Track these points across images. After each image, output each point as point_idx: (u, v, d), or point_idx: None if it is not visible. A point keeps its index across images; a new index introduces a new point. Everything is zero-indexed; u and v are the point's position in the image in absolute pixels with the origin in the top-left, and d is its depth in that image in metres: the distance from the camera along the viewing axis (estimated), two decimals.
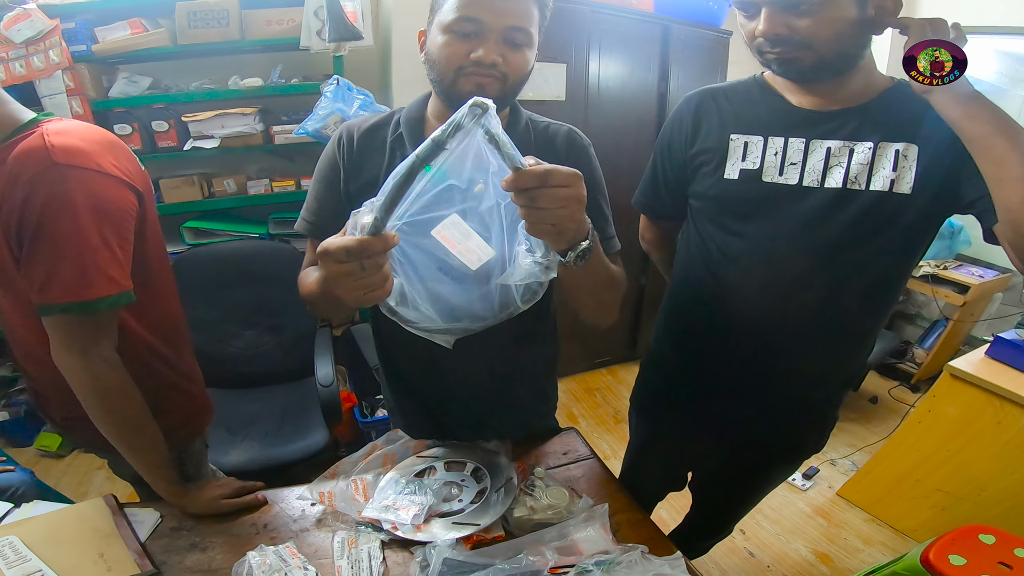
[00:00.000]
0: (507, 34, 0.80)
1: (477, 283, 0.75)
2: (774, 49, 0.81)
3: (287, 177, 2.20)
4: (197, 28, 1.93)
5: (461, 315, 0.78)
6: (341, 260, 0.60)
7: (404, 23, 2.20)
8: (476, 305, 0.78)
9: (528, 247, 0.70)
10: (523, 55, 0.84)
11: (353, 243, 0.60)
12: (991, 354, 1.83)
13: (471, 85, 0.81)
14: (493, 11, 0.79)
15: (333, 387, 1.72)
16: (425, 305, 0.75)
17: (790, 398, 1.01)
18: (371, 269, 0.62)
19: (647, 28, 2.59)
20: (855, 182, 0.85)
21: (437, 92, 0.88)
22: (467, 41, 0.80)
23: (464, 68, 0.81)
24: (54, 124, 0.84)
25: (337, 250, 0.60)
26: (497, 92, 0.82)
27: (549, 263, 0.70)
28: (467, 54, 0.80)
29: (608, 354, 3.12)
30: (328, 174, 0.96)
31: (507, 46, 0.81)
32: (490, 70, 0.80)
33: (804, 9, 0.76)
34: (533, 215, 0.63)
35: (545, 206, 0.61)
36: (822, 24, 0.77)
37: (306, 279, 0.93)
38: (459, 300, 0.77)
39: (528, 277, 0.70)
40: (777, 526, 2.05)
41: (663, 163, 1.06)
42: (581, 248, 0.70)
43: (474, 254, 0.68)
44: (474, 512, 0.88)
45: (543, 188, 0.61)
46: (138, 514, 0.92)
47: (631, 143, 2.64)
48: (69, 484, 2.11)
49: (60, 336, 0.83)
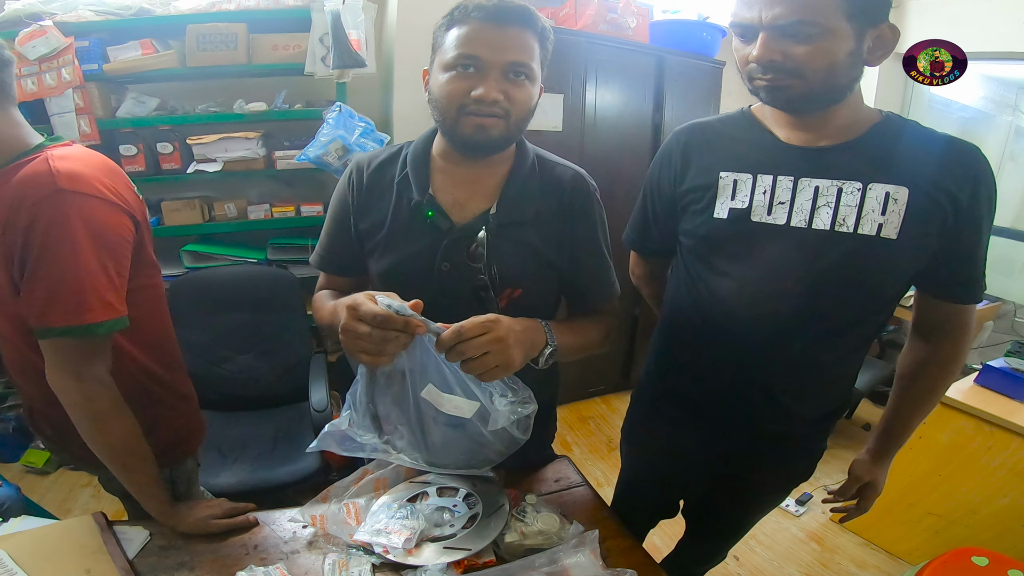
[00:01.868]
0: (508, 71, 0.81)
1: (470, 430, 0.81)
2: (765, 75, 0.80)
3: (287, 203, 2.21)
4: (206, 51, 1.97)
5: (459, 457, 0.86)
6: (362, 319, 0.70)
7: (406, 51, 2.26)
8: (477, 451, 0.85)
9: (499, 392, 0.76)
10: (526, 90, 0.84)
11: (381, 312, 0.70)
12: (980, 382, 1.86)
13: (472, 127, 0.82)
14: (492, 48, 0.80)
15: (327, 412, 1.72)
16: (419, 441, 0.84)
17: (776, 433, 1.01)
18: (378, 336, 0.70)
19: (642, 59, 2.66)
20: (843, 224, 0.84)
21: (441, 131, 0.89)
22: (468, 79, 0.80)
23: (466, 106, 0.81)
24: (58, 149, 0.87)
25: (367, 312, 0.70)
26: (501, 131, 0.83)
27: (522, 399, 0.77)
28: (468, 91, 0.80)
29: (602, 383, 3.13)
30: (340, 212, 0.98)
31: (508, 82, 0.82)
32: (492, 108, 0.81)
33: (803, 37, 0.75)
34: (471, 367, 0.72)
35: (474, 355, 0.71)
36: (817, 53, 0.76)
37: (318, 303, 0.99)
38: (456, 442, 0.84)
39: (512, 417, 0.77)
40: (771, 552, 2.04)
41: (652, 200, 1.06)
42: (546, 355, 0.82)
43: (461, 411, 0.77)
44: (465, 537, 0.88)
45: (462, 344, 0.70)
46: (127, 532, 0.92)
47: (626, 173, 2.68)
48: (53, 500, 2.09)
49: (56, 358, 0.84)
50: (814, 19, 0.74)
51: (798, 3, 0.74)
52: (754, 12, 0.77)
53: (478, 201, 0.92)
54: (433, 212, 0.89)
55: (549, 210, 0.94)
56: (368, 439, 0.81)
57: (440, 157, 0.93)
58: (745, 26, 0.80)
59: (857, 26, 0.76)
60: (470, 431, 0.81)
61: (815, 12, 0.74)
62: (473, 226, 0.90)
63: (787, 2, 0.74)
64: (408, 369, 0.78)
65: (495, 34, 0.80)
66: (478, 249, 0.89)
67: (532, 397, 0.77)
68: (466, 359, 0.72)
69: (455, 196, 0.92)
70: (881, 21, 0.78)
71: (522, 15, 0.82)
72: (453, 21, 0.83)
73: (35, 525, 0.92)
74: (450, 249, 0.89)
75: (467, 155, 0.89)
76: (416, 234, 0.91)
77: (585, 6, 2.47)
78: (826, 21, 0.74)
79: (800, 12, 0.74)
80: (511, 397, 0.76)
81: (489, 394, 0.77)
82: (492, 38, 0.80)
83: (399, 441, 0.83)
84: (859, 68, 0.80)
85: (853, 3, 0.74)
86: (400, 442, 0.83)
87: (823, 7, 0.74)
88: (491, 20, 0.80)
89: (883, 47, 0.79)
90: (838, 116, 0.85)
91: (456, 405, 0.76)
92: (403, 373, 0.78)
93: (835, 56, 0.76)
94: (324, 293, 1.02)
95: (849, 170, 0.84)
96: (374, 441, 0.82)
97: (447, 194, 0.92)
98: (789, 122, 0.89)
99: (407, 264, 0.92)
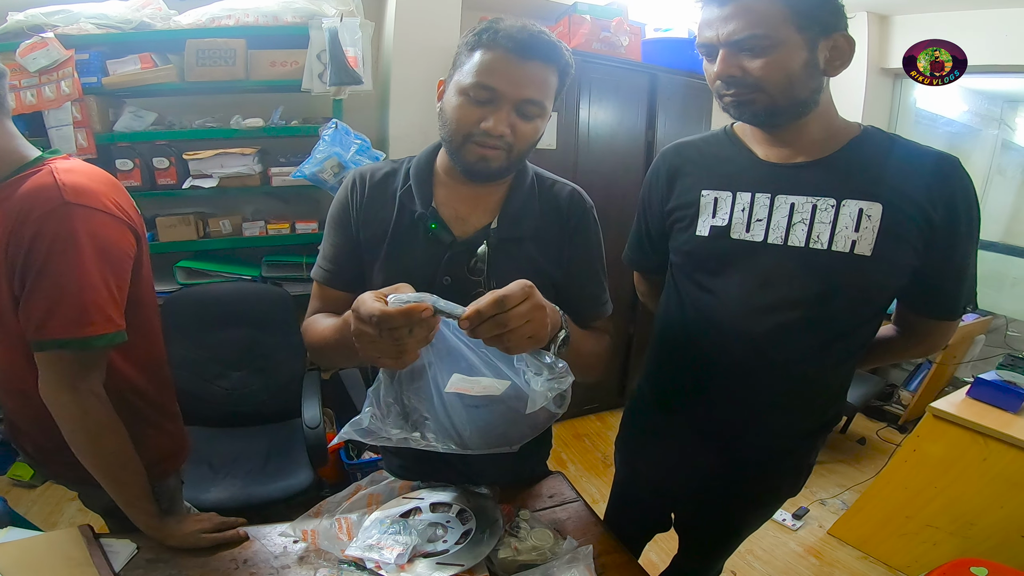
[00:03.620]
0: (520, 106, 0.81)
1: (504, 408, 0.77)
2: (729, 91, 0.83)
3: (282, 220, 2.21)
4: (204, 66, 1.98)
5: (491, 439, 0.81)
6: (364, 321, 0.65)
7: (402, 70, 2.29)
8: (510, 429, 0.81)
9: (534, 370, 0.72)
10: (533, 126, 0.85)
11: (376, 312, 0.64)
12: (972, 395, 1.87)
13: (475, 156, 0.83)
14: (510, 81, 0.80)
15: (319, 429, 1.71)
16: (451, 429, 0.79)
17: (763, 447, 1.01)
18: (387, 337, 0.65)
19: (635, 77, 2.70)
20: (817, 241, 0.86)
21: (445, 147, 0.90)
22: (480, 108, 0.81)
23: (473, 135, 0.82)
24: (62, 162, 0.87)
25: (365, 313, 0.65)
26: (502, 163, 0.84)
27: (558, 373, 0.71)
28: (478, 121, 0.81)
29: (597, 401, 3.12)
30: (341, 220, 0.96)
31: (518, 117, 0.82)
32: (496, 141, 0.82)
33: (757, 50, 0.79)
34: (507, 340, 0.66)
35: (514, 326, 0.65)
36: (773, 65, 0.79)
37: (315, 326, 0.94)
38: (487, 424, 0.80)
39: (550, 395, 0.72)
40: (769, 567, 2.02)
41: (645, 219, 1.09)
42: (560, 340, 0.77)
43: (493, 390, 0.73)
44: (459, 553, 0.87)
45: (503, 315, 0.65)
46: (113, 545, 0.90)
47: (619, 191, 2.70)
48: (39, 514, 2.06)
49: (52, 371, 0.84)
50: (765, 32, 0.78)
51: (749, 19, 0.78)
52: (713, 31, 0.82)
53: (479, 216, 0.93)
54: (436, 225, 0.90)
55: (548, 226, 0.95)
56: (395, 433, 0.77)
57: (443, 172, 0.94)
58: (707, 46, 0.84)
59: (809, 37, 0.79)
60: (499, 410, 0.77)
61: (765, 25, 0.78)
62: (474, 240, 0.90)
63: (739, 18, 0.78)
64: (428, 362, 0.74)
65: (516, 68, 0.80)
66: (478, 263, 0.89)
67: (568, 369, 0.72)
68: (508, 330, 0.65)
69: (457, 210, 0.93)
70: (835, 31, 0.81)
71: (548, 51, 0.82)
72: (480, 44, 0.82)
73: (21, 537, 0.91)
74: (451, 263, 0.90)
75: (466, 179, 0.90)
76: (418, 247, 0.91)
77: (579, 25, 2.52)
78: (777, 33, 0.78)
79: (751, 27, 0.78)
80: (547, 375, 0.71)
81: (522, 373, 0.72)
82: (512, 71, 0.80)
83: (429, 433, 0.80)
84: (818, 79, 0.83)
85: (802, 15, 0.78)
86: (430, 434, 0.80)
87: (772, 20, 0.77)
88: (516, 53, 0.80)
89: (840, 57, 0.82)
90: (810, 130, 0.87)
91: (485, 386, 0.72)
92: (424, 366, 0.74)
93: (790, 67, 0.79)
94: (317, 317, 0.98)
95: (823, 186, 0.85)
96: (402, 434, 0.78)
97: (449, 208, 0.92)
98: (766, 139, 0.91)
99: (408, 277, 0.91)
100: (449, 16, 2.33)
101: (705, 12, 0.83)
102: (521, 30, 0.81)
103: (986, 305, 2.97)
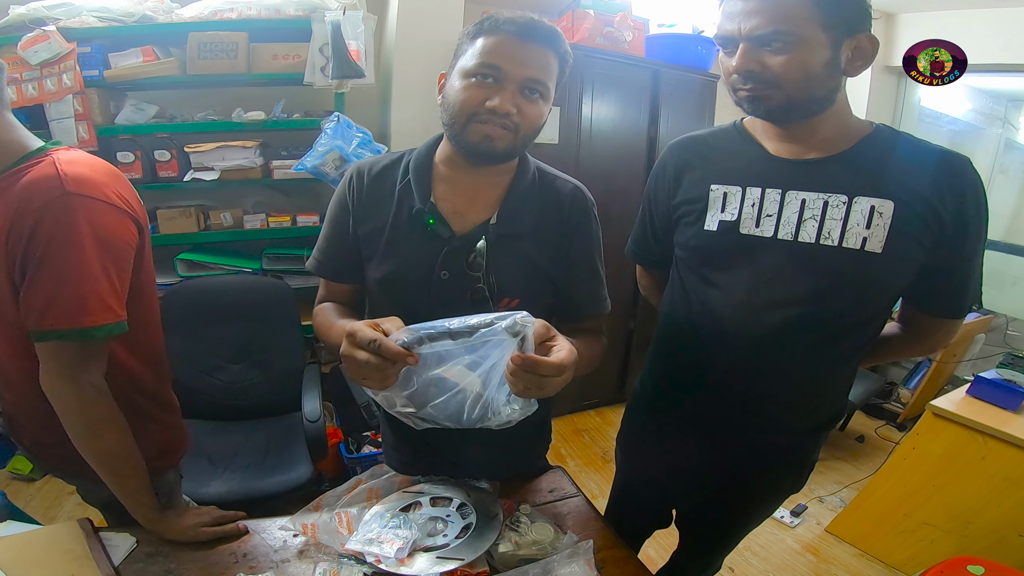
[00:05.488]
0: (525, 85, 0.82)
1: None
2: (745, 86, 0.82)
3: (283, 213, 2.21)
4: (206, 59, 1.97)
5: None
6: (356, 345, 0.69)
7: (405, 64, 2.28)
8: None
9: (510, 397, 0.74)
10: (538, 108, 0.85)
11: (363, 357, 0.69)
12: (972, 393, 1.87)
13: (479, 136, 0.83)
14: (514, 61, 0.81)
15: (319, 422, 1.71)
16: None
17: (766, 443, 1.01)
18: (372, 366, 0.69)
19: (638, 72, 2.69)
20: (828, 237, 0.85)
21: (448, 135, 0.89)
22: (485, 88, 0.81)
23: (478, 114, 0.82)
24: (64, 153, 0.86)
25: (361, 340, 0.69)
26: (507, 144, 0.84)
27: (527, 408, 0.75)
28: (483, 101, 0.81)
29: (597, 396, 3.13)
30: (338, 215, 0.97)
31: (523, 97, 0.83)
32: (503, 120, 0.82)
33: (778, 47, 0.77)
34: (529, 389, 0.69)
35: (545, 386, 0.69)
36: (794, 63, 0.77)
37: (319, 317, 0.98)
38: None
39: (509, 421, 0.76)
40: (766, 563, 2.03)
41: (650, 213, 1.08)
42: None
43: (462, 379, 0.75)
44: (459, 547, 0.87)
45: (530, 376, 0.68)
46: (113, 538, 0.90)
47: (621, 185, 2.70)
48: (38, 507, 2.07)
49: (52, 362, 0.84)
50: (790, 29, 0.76)
51: (774, 14, 0.76)
52: (734, 24, 0.80)
53: (479, 211, 0.93)
54: (434, 220, 0.90)
55: (548, 223, 0.95)
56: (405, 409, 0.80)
57: (443, 165, 0.94)
58: (727, 38, 0.82)
59: (834, 36, 0.78)
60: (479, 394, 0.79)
61: (791, 22, 0.76)
62: (473, 235, 0.90)
63: (764, 13, 0.76)
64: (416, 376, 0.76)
65: (519, 49, 0.81)
66: (477, 259, 0.89)
67: (532, 408, 0.75)
68: (537, 385, 0.69)
69: (456, 205, 0.92)
70: (859, 31, 0.79)
71: (549, 35, 0.84)
72: (481, 31, 0.83)
73: (20, 530, 0.91)
74: (450, 257, 0.90)
75: (469, 162, 0.89)
76: (416, 241, 0.91)
77: (582, 20, 2.50)
78: (801, 31, 0.76)
79: (776, 23, 0.76)
80: (518, 405, 0.74)
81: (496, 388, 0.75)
82: (516, 52, 0.81)
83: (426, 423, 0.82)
84: (837, 78, 0.82)
85: (829, 13, 0.76)
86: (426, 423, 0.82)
87: (799, 17, 0.76)
88: (519, 36, 0.81)
89: (862, 57, 0.81)
90: (824, 127, 0.86)
91: (454, 373, 0.74)
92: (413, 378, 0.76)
93: (811, 66, 0.78)
94: (325, 307, 1.00)
95: (836, 183, 0.85)
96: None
97: (448, 203, 0.92)
98: (778, 134, 0.90)
99: (406, 271, 0.92)
100: (452, 10, 2.32)
101: (728, 4, 0.82)
102: (522, 16, 0.82)
103: (987, 304, 2.97)
